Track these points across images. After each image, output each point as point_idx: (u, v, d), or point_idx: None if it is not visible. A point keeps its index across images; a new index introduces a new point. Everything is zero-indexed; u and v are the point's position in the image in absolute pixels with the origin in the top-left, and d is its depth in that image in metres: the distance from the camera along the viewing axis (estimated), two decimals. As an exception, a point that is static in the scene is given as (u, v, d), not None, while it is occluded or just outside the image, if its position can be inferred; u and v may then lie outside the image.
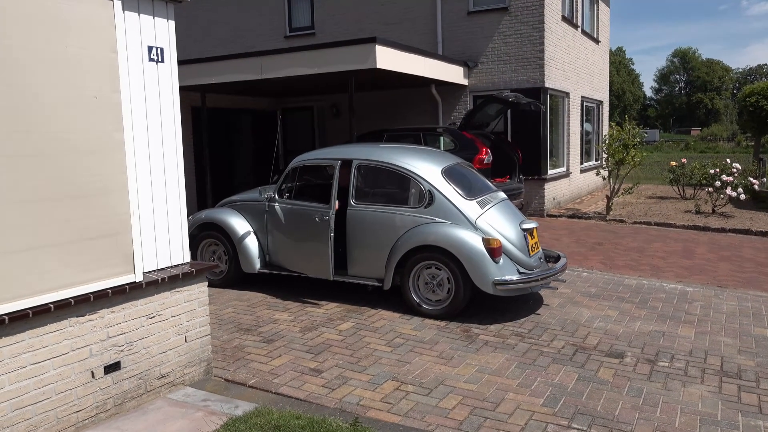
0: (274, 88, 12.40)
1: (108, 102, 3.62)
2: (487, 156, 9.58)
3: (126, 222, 3.74)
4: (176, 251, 4.17)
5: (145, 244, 3.91)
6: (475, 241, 5.53)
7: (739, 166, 12.78)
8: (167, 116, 4.08)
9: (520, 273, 5.59)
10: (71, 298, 3.40)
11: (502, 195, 6.45)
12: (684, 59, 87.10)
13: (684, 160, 14.92)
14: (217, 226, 6.75)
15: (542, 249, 6.31)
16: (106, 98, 3.61)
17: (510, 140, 12.09)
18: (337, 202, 6.03)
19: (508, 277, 5.48)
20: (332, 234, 5.98)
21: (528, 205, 12.05)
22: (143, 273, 3.87)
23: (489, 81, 12.56)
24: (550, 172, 12.65)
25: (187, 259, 4.26)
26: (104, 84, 3.59)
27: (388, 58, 9.61)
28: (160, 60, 4.01)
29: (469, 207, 5.77)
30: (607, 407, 3.89)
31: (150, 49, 3.92)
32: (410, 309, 5.80)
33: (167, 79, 4.06)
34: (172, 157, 4.12)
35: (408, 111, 13.36)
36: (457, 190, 5.86)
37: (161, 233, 4.04)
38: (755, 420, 3.72)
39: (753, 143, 21.77)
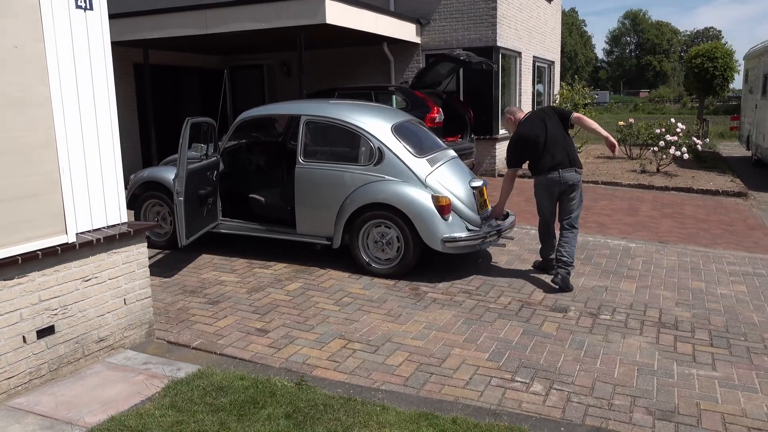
0: (221, 45, 11.96)
1: (30, 52, 3.38)
2: (438, 115, 9.51)
3: (55, 180, 3.54)
4: (112, 211, 3.99)
5: (78, 204, 3.73)
6: (424, 198, 5.50)
7: (683, 126, 13.07)
8: (98, 69, 3.85)
9: (469, 230, 5.61)
10: (-4, 260, 3.23)
11: (452, 153, 6.42)
12: (635, 21, 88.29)
13: (631, 120, 15.16)
14: (161, 185, 6.52)
15: (491, 207, 6.34)
16: (28, 48, 3.37)
17: (462, 99, 12.04)
18: None
19: (457, 235, 5.49)
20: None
21: (479, 164, 12.09)
22: (76, 234, 3.69)
23: (441, 39, 12.41)
24: (501, 131, 12.68)
25: (125, 219, 4.09)
26: (25, 32, 3.34)
27: (338, 13, 9.35)
28: (88, 7, 3.76)
29: (419, 165, 5.72)
30: (550, 360, 3.97)
31: (76, -6, 3.67)
32: (360, 268, 5.76)
33: (97, 28, 3.82)
34: (105, 112, 3.91)
35: (360, 70, 13.12)
36: (407, 147, 5.79)
37: (95, 192, 3.86)
38: (689, 369, 3.86)
39: (698, 104, 22.32)
